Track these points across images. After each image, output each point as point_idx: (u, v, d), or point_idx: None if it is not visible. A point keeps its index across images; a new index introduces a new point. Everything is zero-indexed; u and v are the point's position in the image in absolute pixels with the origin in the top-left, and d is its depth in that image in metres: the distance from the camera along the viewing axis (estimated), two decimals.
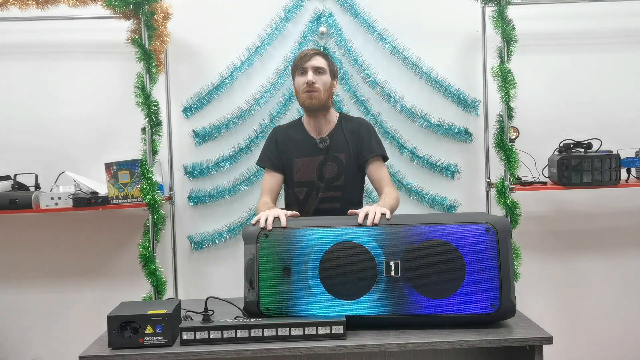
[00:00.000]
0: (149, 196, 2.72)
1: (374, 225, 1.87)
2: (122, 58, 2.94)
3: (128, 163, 2.79)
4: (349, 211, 2.04)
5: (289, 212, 2.01)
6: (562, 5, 3.03)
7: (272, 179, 2.45)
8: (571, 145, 2.87)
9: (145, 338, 1.74)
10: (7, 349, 3.09)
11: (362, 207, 2.49)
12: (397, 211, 2.92)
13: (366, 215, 1.91)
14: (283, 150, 2.45)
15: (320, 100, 2.37)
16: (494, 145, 2.90)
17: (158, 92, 2.93)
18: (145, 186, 2.73)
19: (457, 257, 1.82)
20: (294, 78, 2.44)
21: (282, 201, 2.56)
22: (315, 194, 2.42)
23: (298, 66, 2.39)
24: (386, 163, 2.49)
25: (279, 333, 1.75)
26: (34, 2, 2.72)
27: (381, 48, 3.05)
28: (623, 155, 2.88)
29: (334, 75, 2.45)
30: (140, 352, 1.72)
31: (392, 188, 2.40)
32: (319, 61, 2.38)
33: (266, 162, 2.47)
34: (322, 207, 2.41)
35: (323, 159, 2.40)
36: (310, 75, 2.34)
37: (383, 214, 1.93)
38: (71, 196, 2.73)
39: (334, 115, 2.49)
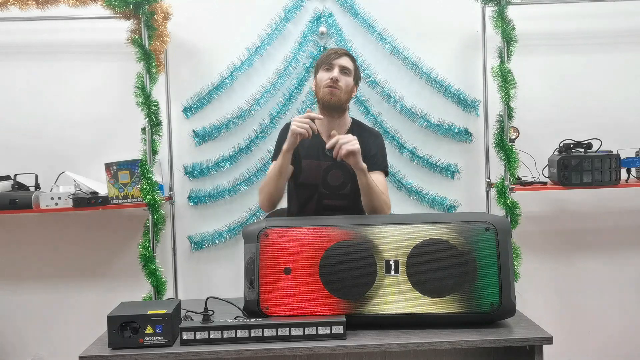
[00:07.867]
0: (149, 196, 2.72)
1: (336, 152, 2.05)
2: (122, 58, 2.94)
3: (128, 163, 2.79)
4: (332, 132, 2.16)
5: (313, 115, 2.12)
6: (562, 5, 3.02)
7: None
8: (571, 145, 2.87)
9: (145, 338, 1.74)
10: (7, 349, 3.09)
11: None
12: (397, 211, 2.96)
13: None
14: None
15: (339, 99, 2.31)
16: (494, 145, 2.90)
17: (158, 92, 2.93)
18: (145, 186, 2.73)
19: (457, 257, 1.82)
20: (316, 73, 2.38)
21: (284, 202, 2.55)
22: (317, 199, 2.36)
23: (325, 62, 2.33)
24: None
25: (279, 333, 1.75)
26: (34, 2, 2.73)
27: (381, 48, 3.05)
28: (623, 155, 2.87)
29: (357, 80, 2.41)
30: (140, 352, 1.72)
31: (386, 195, 2.30)
32: (347, 62, 2.34)
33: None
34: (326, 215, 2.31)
35: (329, 165, 2.33)
36: (336, 72, 2.30)
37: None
38: (71, 196, 2.73)
39: (347, 120, 2.42)
